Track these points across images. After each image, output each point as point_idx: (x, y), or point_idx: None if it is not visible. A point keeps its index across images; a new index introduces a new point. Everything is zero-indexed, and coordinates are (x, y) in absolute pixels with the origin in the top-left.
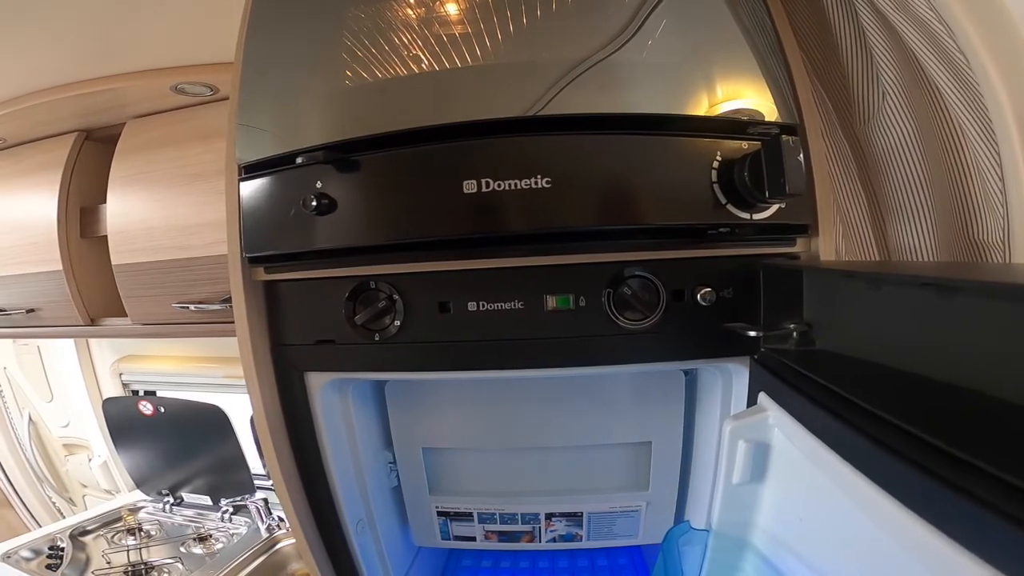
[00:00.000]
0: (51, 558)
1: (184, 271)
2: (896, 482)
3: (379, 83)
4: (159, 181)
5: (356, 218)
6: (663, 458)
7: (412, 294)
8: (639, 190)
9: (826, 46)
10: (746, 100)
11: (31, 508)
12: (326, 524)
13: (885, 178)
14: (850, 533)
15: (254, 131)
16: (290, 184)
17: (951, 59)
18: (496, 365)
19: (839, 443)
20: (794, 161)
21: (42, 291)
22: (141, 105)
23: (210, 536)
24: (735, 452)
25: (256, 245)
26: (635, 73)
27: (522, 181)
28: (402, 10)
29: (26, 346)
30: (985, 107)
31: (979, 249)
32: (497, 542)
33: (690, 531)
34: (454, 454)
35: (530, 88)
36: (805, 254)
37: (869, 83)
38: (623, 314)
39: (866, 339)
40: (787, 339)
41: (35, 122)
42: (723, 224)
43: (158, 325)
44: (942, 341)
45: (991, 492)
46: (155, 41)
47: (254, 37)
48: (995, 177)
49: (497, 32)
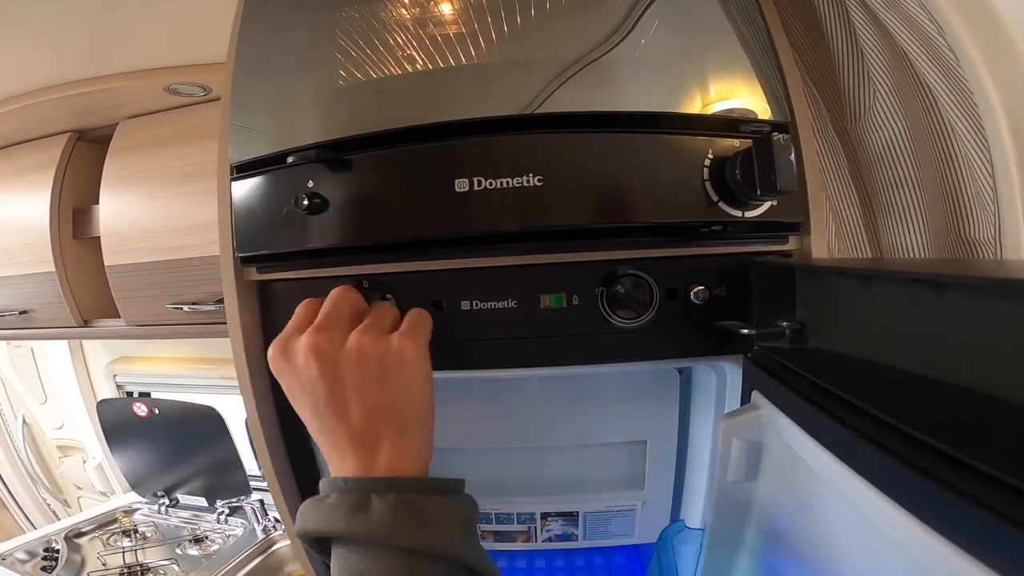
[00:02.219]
0: (46, 560)
1: (177, 272)
2: (889, 480)
3: (372, 82)
4: (152, 182)
5: (348, 217)
6: (658, 457)
7: (405, 293)
8: (631, 188)
9: (817, 44)
10: (738, 98)
11: (26, 510)
12: None
13: (877, 176)
14: (844, 532)
15: (246, 131)
16: (282, 184)
17: (941, 57)
18: (490, 364)
19: (832, 441)
20: (785, 159)
21: (35, 292)
22: (134, 106)
23: (206, 537)
24: (729, 450)
25: (248, 245)
26: (628, 72)
27: (514, 180)
28: (395, 9)
29: (19, 348)
30: (975, 105)
31: (970, 246)
32: (493, 542)
33: (685, 530)
34: (448, 454)
35: (523, 87)
36: (797, 252)
37: (860, 81)
38: (616, 313)
39: (859, 336)
40: (780, 337)
41: (28, 122)
42: (715, 222)
43: (152, 326)
44: (935, 337)
45: (986, 491)
46: (148, 42)
47: (246, 37)
48: (986, 175)
49: (491, 31)
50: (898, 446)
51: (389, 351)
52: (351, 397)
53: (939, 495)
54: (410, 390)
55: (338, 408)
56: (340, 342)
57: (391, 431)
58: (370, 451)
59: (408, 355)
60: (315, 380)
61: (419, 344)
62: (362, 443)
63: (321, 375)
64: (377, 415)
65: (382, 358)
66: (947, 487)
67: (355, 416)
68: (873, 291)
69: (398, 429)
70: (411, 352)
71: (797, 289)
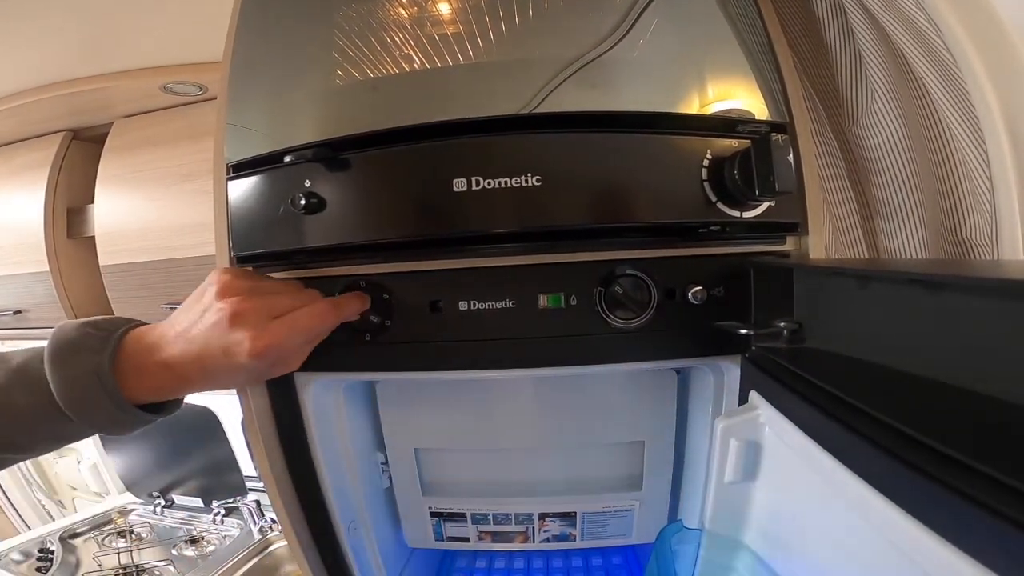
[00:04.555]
0: (41, 561)
1: (172, 271)
2: (888, 480)
3: (369, 82)
4: (147, 181)
5: (345, 217)
6: (656, 457)
7: (402, 293)
8: (629, 188)
9: (815, 45)
10: (736, 99)
11: (20, 511)
12: (318, 526)
13: (874, 177)
14: (842, 532)
15: (243, 130)
16: (278, 183)
17: (939, 58)
18: (488, 364)
19: (829, 441)
20: (783, 159)
21: (29, 292)
22: (130, 105)
23: (202, 538)
24: (727, 451)
25: (244, 244)
26: (626, 72)
27: (512, 179)
28: (393, 9)
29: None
30: (972, 105)
31: (967, 247)
32: (491, 543)
33: (683, 530)
34: (446, 454)
35: (521, 87)
36: (795, 252)
37: (858, 82)
38: (614, 313)
39: (856, 336)
40: (778, 337)
41: (23, 121)
42: (713, 222)
43: None
44: (932, 338)
45: (983, 491)
46: (144, 40)
47: (243, 36)
48: (983, 176)
49: (489, 31)
50: (897, 447)
51: (233, 337)
52: (190, 334)
53: (937, 495)
54: (219, 375)
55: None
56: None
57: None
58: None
59: (245, 349)
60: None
61: (268, 343)
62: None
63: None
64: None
65: (226, 340)
66: (944, 487)
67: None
68: (870, 292)
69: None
70: (248, 348)
71: (795, 289)
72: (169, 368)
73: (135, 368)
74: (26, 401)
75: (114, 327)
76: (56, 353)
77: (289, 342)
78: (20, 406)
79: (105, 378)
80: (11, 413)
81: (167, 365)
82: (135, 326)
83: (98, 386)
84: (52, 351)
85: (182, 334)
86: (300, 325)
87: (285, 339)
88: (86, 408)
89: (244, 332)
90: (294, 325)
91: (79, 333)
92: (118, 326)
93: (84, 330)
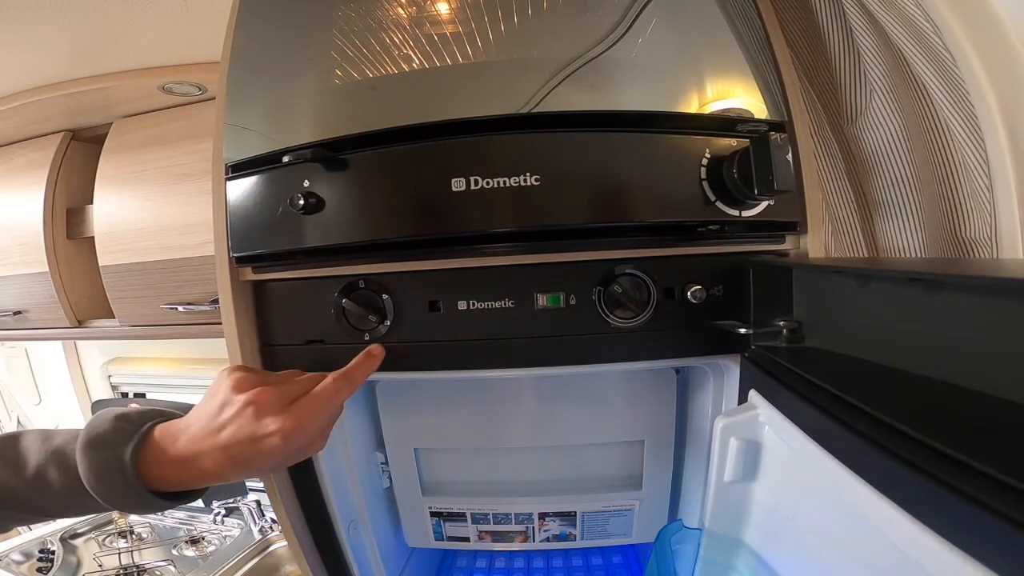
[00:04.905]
0: (42, 561)
1: (172, 272)
2: (887, 480)
3: (368, 81)
4: (147, 181)
5: (344, 217)
6: (655, 457)
7: (401, 293)
8: (628, 187)
9: (814, 44)
10: (735, 98)
11: None
12: (318, 526)
13: (873, 176)
14: (842, 531)
15: (242, 130)
16: (277, 183)
17: (938, 57)
18: (487, 364)
19: (829, 440)
20: (782, 158)
21: (29, 293)
22: (129, 105)
23: (202, 538)
24: (726, 450)
25: (243, 245)
26: (625, 71)
27: (511, 179)
28: (392, 9)
29: (13, 348)
30: (971, 104)
31: (967, 246)
32: (491, 542)
33: (683, 530)
34: (446, 454)
35: (520, 86)
36: (794, 251)
37: (857, 81)
38: (614, 312)
39: (855, 335)
40: (777, 336)
41: (23, 121)
42: (712, 221)
43: (147, 327)
44: (931, 337)
45: (984, 491)
46: (143, 41)
47: (241, 36)
48: (982, 174)
49: (488, 31)
50: (896, 446)
51: (261, 425)
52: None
53: (937, 495)
54: (249, 463)
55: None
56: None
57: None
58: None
59: (274, 433)
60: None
61: (295, 423)
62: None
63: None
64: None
65: (253, 429)
66: (944, 487)
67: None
68: (870, 290)
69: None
70: (277, 431)
71: (794, 288)
72: (188, 462)
73: (156, 461)
74: (60, 480)
75: (144, 420)
76: (87, 443)
77: (313, 422)
78: (54, 484)
79: (127, 471)
80: (47, 489)
81: (187, 459)
82: (165, 419)
83: (120, 477)
84: (84, 440)
85: (204, 430)
86: (320, 402)
87: (310, 419)
88: (110, 494)
89: (270, 418)
90: (314, 404)
91: (111, 426)
92: (147, 419)
93: (116, 424)
